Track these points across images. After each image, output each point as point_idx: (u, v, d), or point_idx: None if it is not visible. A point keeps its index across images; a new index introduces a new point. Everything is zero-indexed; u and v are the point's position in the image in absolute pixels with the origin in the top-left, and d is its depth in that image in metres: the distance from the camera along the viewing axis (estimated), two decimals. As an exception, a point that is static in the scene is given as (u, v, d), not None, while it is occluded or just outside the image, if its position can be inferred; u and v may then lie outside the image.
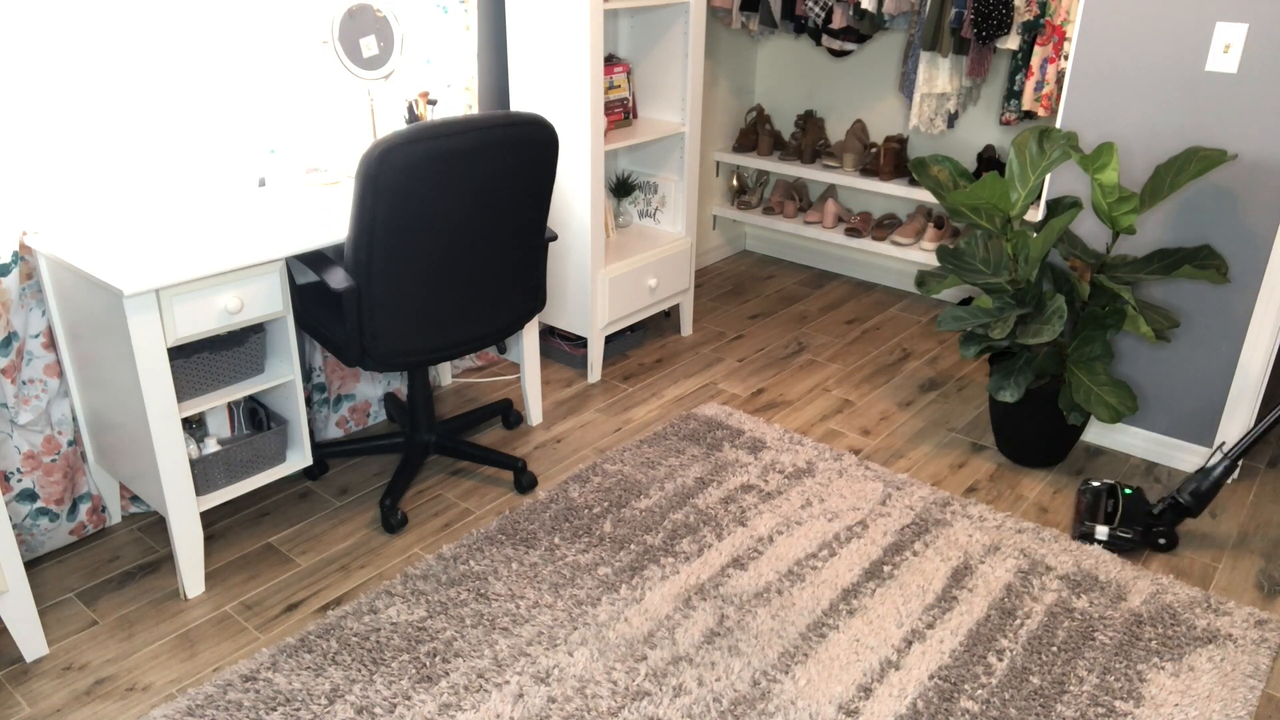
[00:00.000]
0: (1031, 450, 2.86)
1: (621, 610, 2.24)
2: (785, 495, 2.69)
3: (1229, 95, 2.51)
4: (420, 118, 2.84)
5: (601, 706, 1.97)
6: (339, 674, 2.04)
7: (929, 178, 2.72)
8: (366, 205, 2.09)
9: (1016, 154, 2.55)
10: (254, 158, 2.63)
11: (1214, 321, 2.69)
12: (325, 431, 2.98)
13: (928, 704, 1.99)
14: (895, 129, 4.18)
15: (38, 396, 2.30)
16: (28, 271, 2.25)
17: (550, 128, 2.31)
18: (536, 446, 2.97)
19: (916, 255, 3.98)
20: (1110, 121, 2.70)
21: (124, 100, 2.33)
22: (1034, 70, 3.41)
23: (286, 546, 2.49)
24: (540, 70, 3.08)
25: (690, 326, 3.78)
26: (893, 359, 3.60)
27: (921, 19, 3.71)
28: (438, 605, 2.24)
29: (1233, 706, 1.99)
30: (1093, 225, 2.81)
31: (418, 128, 2.06)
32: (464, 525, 2.58)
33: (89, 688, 2.03)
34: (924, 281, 2.76)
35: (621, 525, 2.55)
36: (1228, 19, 2.46)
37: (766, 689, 2.02)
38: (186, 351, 2.24)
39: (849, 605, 2.27)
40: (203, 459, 2.30)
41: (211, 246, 2.19)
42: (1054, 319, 2.49)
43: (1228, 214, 2.60)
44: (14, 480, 2.31)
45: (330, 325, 2.37)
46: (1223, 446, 2.70)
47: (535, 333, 2.98)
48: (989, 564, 2.41)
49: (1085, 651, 2.14)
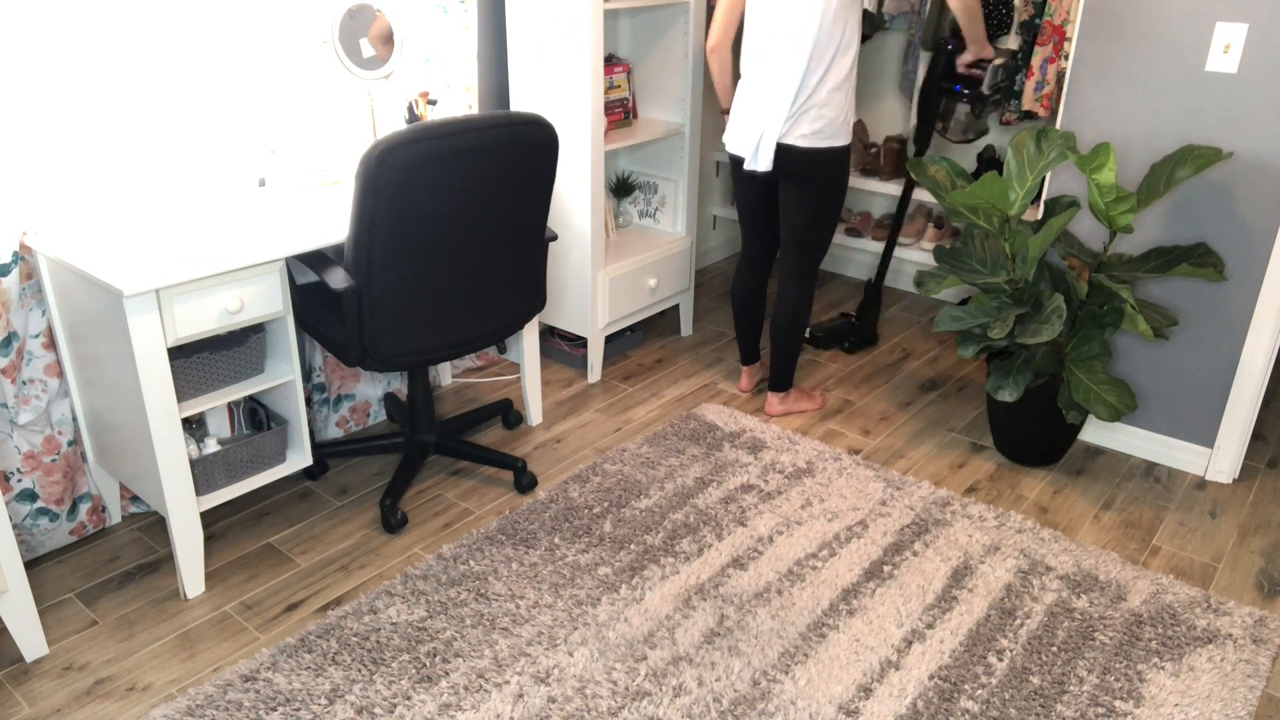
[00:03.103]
0: (1031, 450, 2.86)
1: (621, 610, 2.24)
2: (785, 495, 2.69)
3: (1229, 95, 2.51)
4: (420, 118, 2.84)
5: (601, 706, 1.97)
6: (339, 674, 2.04)
7: (927, 178, 2.72)
8: (366, 205, 2.09)
9: (1014, 154, 2.55)
10: (254, 158, 2.63)
11: (1213, 320, 2.69)
12: (325, 431, 2.98)
13: (928, 704, 1.99)
14: (895, 129, 4.18)
15: (38, 396, 2.30)
16: (28, 271, 2.25)
17: (550, 128, 2.31)
18: (536, 446, 2.97)
19: (916, 255, 3.98)
20: (1110, 121, 2.70)
21: (124, 100, 2.33)
22: (1034, 70, 3.41)
23: (286, 546, 2.49)
24: (540, 70, 3.08)
25: (690, 326, 3.78)
26: (893, 359, 3.60)
27: (921, 19, 3.72)
28: (438, 605, 2.24)
29: (1233, 706, 1.99)
30: (1090, 224, 2.81)
31: (418, 128, 2.06)
32: (464, 525, 2.58)
33: (89, 688, 2.03)
34: (923, 282, 2.76)
35: (621, 525, 2.55)
36: (1228, 19, 2.46)
37: (766, 689, 2.02)
38: (186, 351, 2.24)
39: (849, 605, 2.27)
40: (203, 459, 2.30)
41: (211, 246, 2.19)
42: (1052, 318, 2.49)
43: (1227, 213, 2.60)
44: (14, 480, 2.31)
45: (330, 325, 2.37)
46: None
47: (535, 333, 2.98)
48: (989, 564, 2.41)
49: (1085, 651, 2.14)
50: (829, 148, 2.74)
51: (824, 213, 2.86)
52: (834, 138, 2.73)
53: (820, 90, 2.67)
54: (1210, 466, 2.81)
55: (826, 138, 2.72)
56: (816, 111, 2.69)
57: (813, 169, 2.77)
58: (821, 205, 2.84)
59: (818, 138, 2.72)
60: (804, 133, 2.71)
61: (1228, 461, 2.78)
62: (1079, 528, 2.60)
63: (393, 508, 2.54)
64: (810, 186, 2.81)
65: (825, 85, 2.67)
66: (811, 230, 2.88)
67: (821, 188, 2.81)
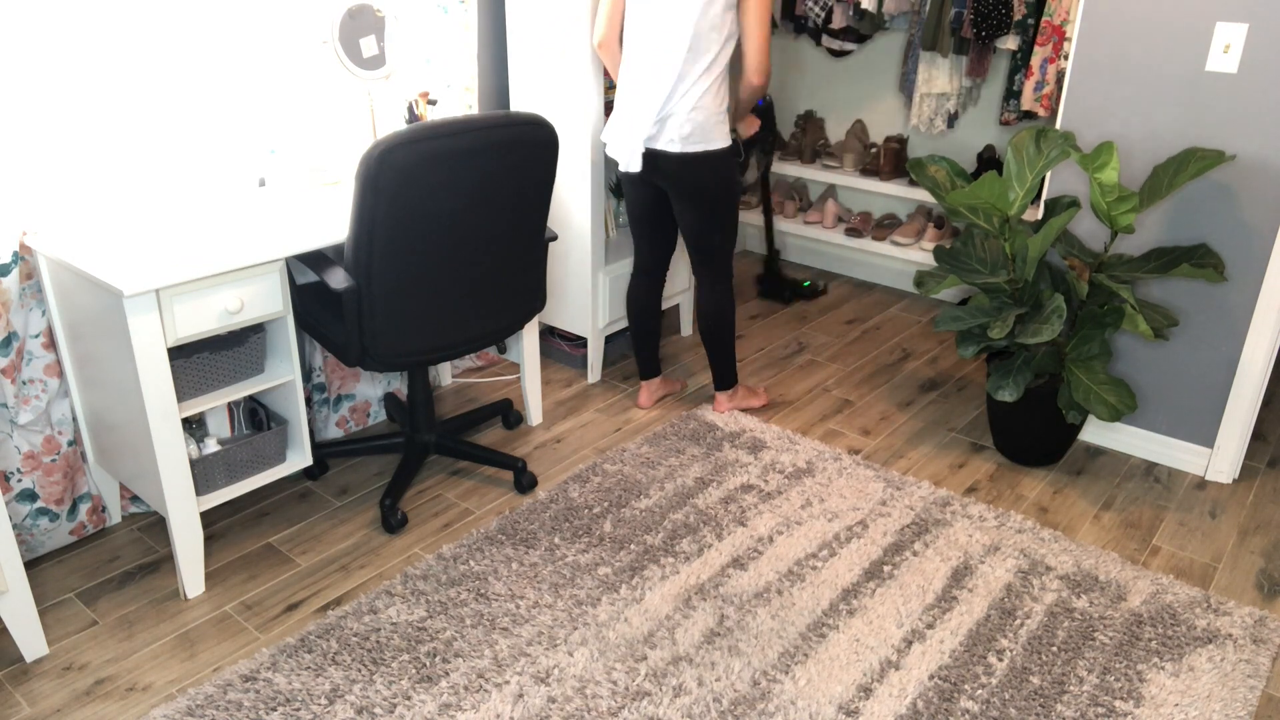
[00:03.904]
0: (1030, 450, 2.86)
1: (621, 610, 2.24)
2: (785, 495, 2.69)
3: (1229, 95, 2.51)
4: (420, 118, 2.84)
5: (601, 706, 1.97)
6: (339, 674, 2.04)
7: (927, 178, 2.72)
8: (366, 205, 2.09)
9: (1014, 154, 2.55)
10: (254, 158, 2.63)
11: (1214, 321, 2.69)
12: (325, 431, 2.98)
13: (928, 704, 1.99)
14: (895, 129, 4.18)
15: (38, 396, 2.30)
16: (28, 271, 2.25)
17: (550, 128, 2.31)
18: (536, 446, 2.98)
19: (916, 255, 3.98)
20: (1110, 121, 2.70)
21: (124, 100, 2.33)
22: (1034, 70, 3.41)
23: (286, 546, 2.49)
24: (540, 70, 3.08)
25: (690, 326, 3.78)
26: (892, 359, 3.60)
27: (921, 19, 3.72)
28: (438, 605, 2.24)
29: (1233, 706, 1.99)
30: (1091, 224, 2.81)
31: (418, 128, 2.06)
32: (464, 525, 2.58)
33: (89, 688, 2.03)
34: (922, 282, 2.76)
35: (621, 525, 2.55)
36: (1228, 19, 2.46)
37: (766, 689, 2.02)
38: (186, 351, 2.24)
39: (849, 605, 2.27)
40: (203, 459, 2.30)
41: (212, 246, 2.19)
42: (1053, 318, 2.49)
43: (1227, 213, 2.60)
44: (14, 480, 2.31)
45: (330, 325, 2.37)
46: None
47: (535, 333, 2.98)
48: (989, 564, 2.41)
49: (1085, 651, 2.14)
50: (702, 152, 2.68)
51: (715, 217, 2.80)
52: (706, 142, 2.67)
53: (691, 94, 2.62)
54: (1210, 466, 2.81)
55: (697, 142, 2.66)
56: (685, 115, 2.64)
57: (690, 175, 2.71)
58: (711, 210, 2.78)
59: (687, 142, 2.66)
60: (672, 137, 2.67)
61: (1228, 461, 2.78)
62: (1079, 528, 2.60)
63: (393, 508, 2.54)
64: (694, 193, 2.75)
65: (696, 89, 2.62)
66: (709, 236, 2.84)
67: (705, 193, 2.75)
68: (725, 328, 3.00)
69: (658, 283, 3.09)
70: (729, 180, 2.76)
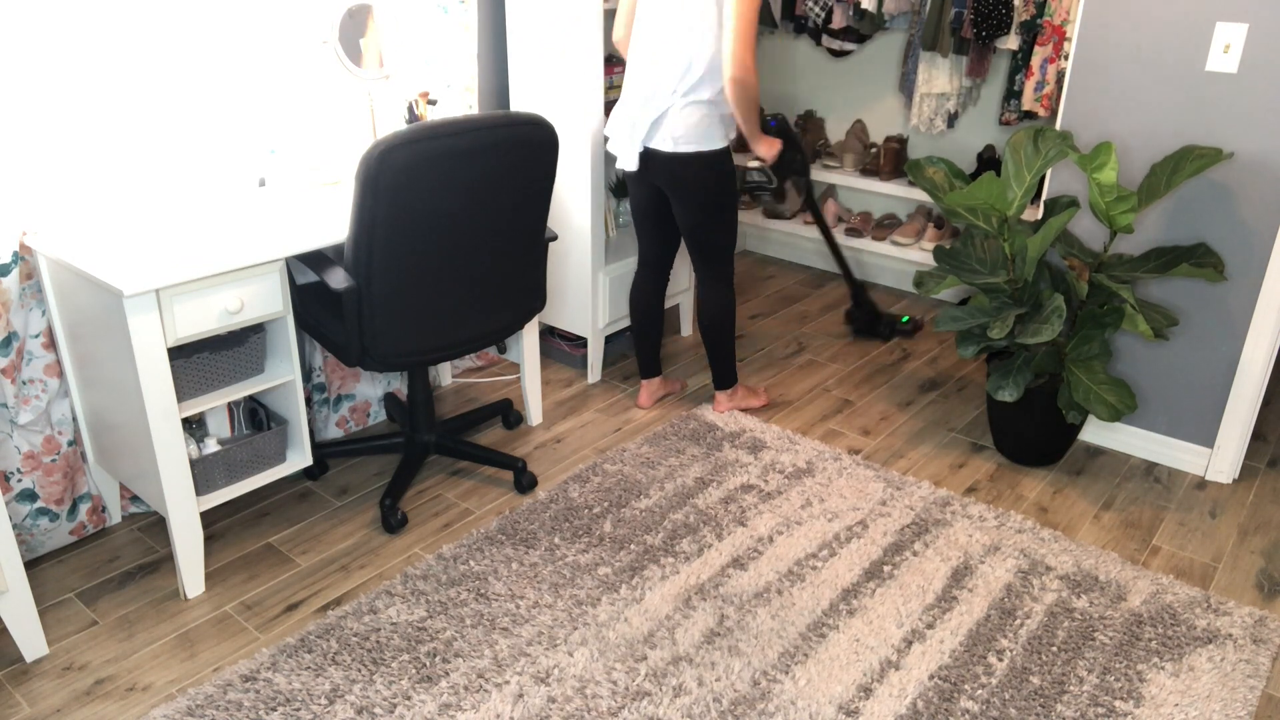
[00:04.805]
0: (1030, 450, 2.86)
1: (621, 610, 2.24)
2: (785, 495, 2.69)
3: (1229, 95, 2.51)
4: (420, 118, 2.84)
5: (601, 706, 1.97)
6: (339, 674, 2.04)
7: (925, 179, 2.72)
8: (366, 205, 2.09)
9: (1012, 154, 2.55)
10: (254, 158, 2.63)
11: (1213, 320, 2.69)
12: (325, 431, 2.98)
13: (928, 704, 1.99)
14: (895, 129, 4.18)
15: (38, 396, 2.30)
16: (28, 271, 2.25)
17: (550, 128, 2.31)
18: (536, 446, 2.98)
19: (916, 255, 3.98)
20: (1110, 121, 2.70)
21: (124, 100, 2.33)
22: (1034, 70, 3.41)
23: (286, 546, 2.49)
24: (540, 70, 3.08)
25: (690, 326, 3.78)
26: (892, 359, 3.60)
27: (921, 19, 3.72)
28: (438, 605, 2.24)
29: (1233, 706, 1.99)
30: (1090, 224, 2.81)
31: (417, 128, 2.06)
32: (464, 525, 2.58)
33: (89, 688, 2.03)
34: (922, 282, 2.76)
35: (621, 525, 2.55)
36: (1228, 19, 2.46)
37: (766, 689, 2.02)
38: (186, 351, 2.24)
39: (849, 605, 2.27)
40: (203, 459, 2.30)
41: (211, 246, 2.19)
42: (1052, 318, 2.49)
43: (1227, 213, 2.60)
44: (14, 480, 2.31)
45: (330, 325, 2.37)
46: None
47: (535, 333, 2.98)
48: (989, 564, 2.41)
49: (1085, 651, 2.14)
50: (694, 152, 2.68)
51: (712, 217, 2.80)
52: (699, 142, 2.67)
53: (689, 94, 2.63)
54: (1210, 466, 2.81)
55: (690, 142, 2.66)
56: (679, 115, 2.64)
57: (685, 174, 2.71)
58: (707, 209, 2.78)
59: (680, 143, 2.66)
60: (666, 137, 2.67)
61: (1228, 461, 2.78)
62: (1079, 528, 2.60)
63: (393, 508, 2.54)
64: (690, 192, 2.75)
65: (695, 91, 2.62)
66: (706, 235, 2.84)
67: (699, 193, 2.75)
68: (725, 327, 3.00)
69: (661, 280, 3.09)
70: (721, 180, 2.76)
